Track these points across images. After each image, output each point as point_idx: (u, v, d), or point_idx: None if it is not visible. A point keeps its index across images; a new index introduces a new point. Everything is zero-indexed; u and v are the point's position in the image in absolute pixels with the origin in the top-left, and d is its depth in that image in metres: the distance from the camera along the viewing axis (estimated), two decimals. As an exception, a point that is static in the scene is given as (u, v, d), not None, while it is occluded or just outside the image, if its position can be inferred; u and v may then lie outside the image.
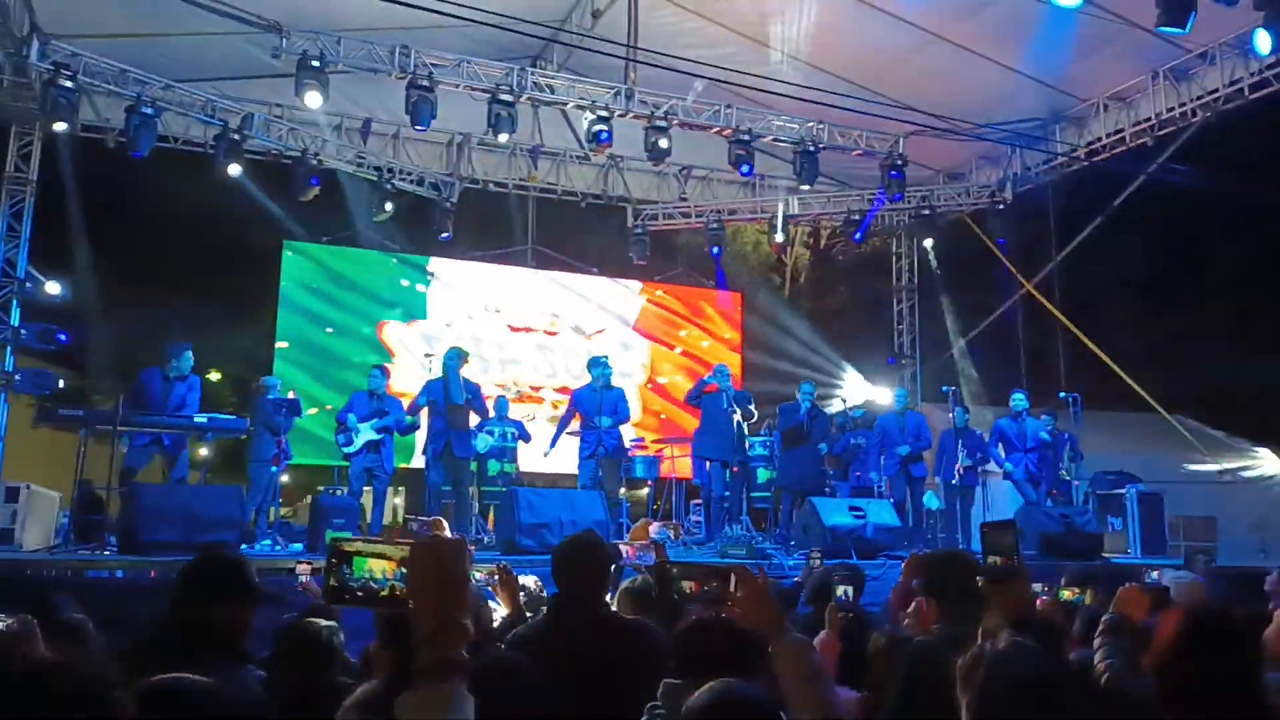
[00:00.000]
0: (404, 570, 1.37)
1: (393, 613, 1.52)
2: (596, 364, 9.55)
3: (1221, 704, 1.84)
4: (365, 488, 8.78)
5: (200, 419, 7.60)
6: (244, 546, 7.16)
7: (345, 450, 8.54)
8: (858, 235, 13.48)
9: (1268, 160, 11.90)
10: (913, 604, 3.07)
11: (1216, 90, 10.24)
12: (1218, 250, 14.61)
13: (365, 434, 8.50)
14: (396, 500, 20.94)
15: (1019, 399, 10.38)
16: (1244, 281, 14.33)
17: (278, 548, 7.78)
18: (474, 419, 9.05)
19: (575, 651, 2.93)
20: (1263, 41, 8.65)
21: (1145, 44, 10.16)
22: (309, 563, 4.56)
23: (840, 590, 3.58)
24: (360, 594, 1.38)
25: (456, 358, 8.99)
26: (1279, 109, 10.24)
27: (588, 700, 2.86)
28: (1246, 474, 13.31)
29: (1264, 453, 14.30)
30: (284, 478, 13.25)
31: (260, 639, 3.49)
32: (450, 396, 8.64)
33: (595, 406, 9.25)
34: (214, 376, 19.37)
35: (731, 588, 2.12)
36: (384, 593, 1.38)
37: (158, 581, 5.86)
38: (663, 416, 14.41)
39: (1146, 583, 5.49)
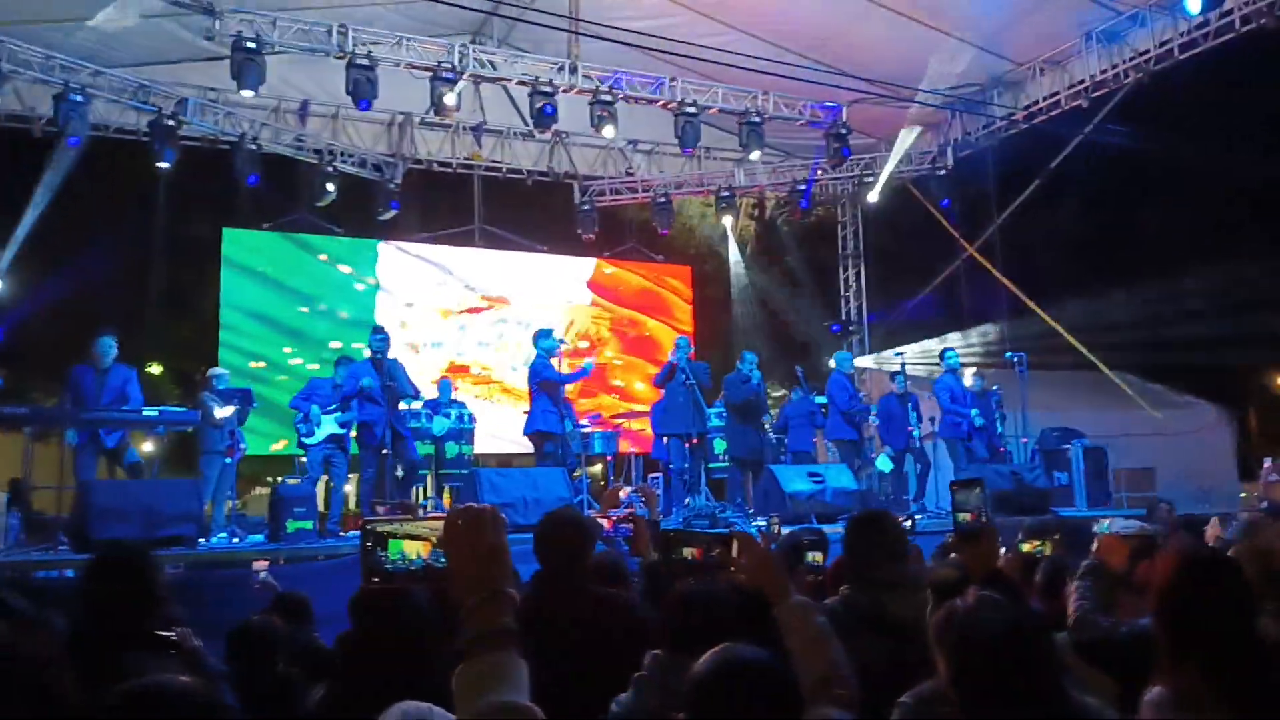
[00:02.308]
0: (438, 549, 1.38)
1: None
2: (546, 335, 9.46)
3: (1222, 640, 1.93)
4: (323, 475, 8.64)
5: (150, 412, 7.42)
6: (201, 540, 7.06)
7: (306, 440, 8.38)
8: (804, 203, 13.58)
9: (1199, 119, 12.23)
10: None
11: (1148, 51, 10.48)
12: (1153, 209, 15.04)
13: (328, 426, 8.35)
14: (349, 487, 20.77)
15: (953, 356, 10.53)
16: (1178, 239, 14.79)
17: (235, 540, 7.67)
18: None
19: (557, 627, 2.96)
20: (1192, 2, 8.88)
21: (1078, 6, 10.36)
22: (266, 559, 4.54)
23: (811, 555, 3.65)
24: (395, 574, 1.39)
25: (384, 339, 8.52)
26: (1208, 68, 10.52)
27: (570, 674, 2.90)
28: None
29: (1200, 403, 14.80)
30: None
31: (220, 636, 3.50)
32: (402, 388, 8.34)
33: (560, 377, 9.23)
34: (155, 369, 18.93)
35: (734, 553, 2.16)
36: (419, 571, 1.39)
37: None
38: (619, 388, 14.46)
39: (1096, 531, 5.67)
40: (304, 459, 8.59)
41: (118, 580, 2.74)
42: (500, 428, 12.18)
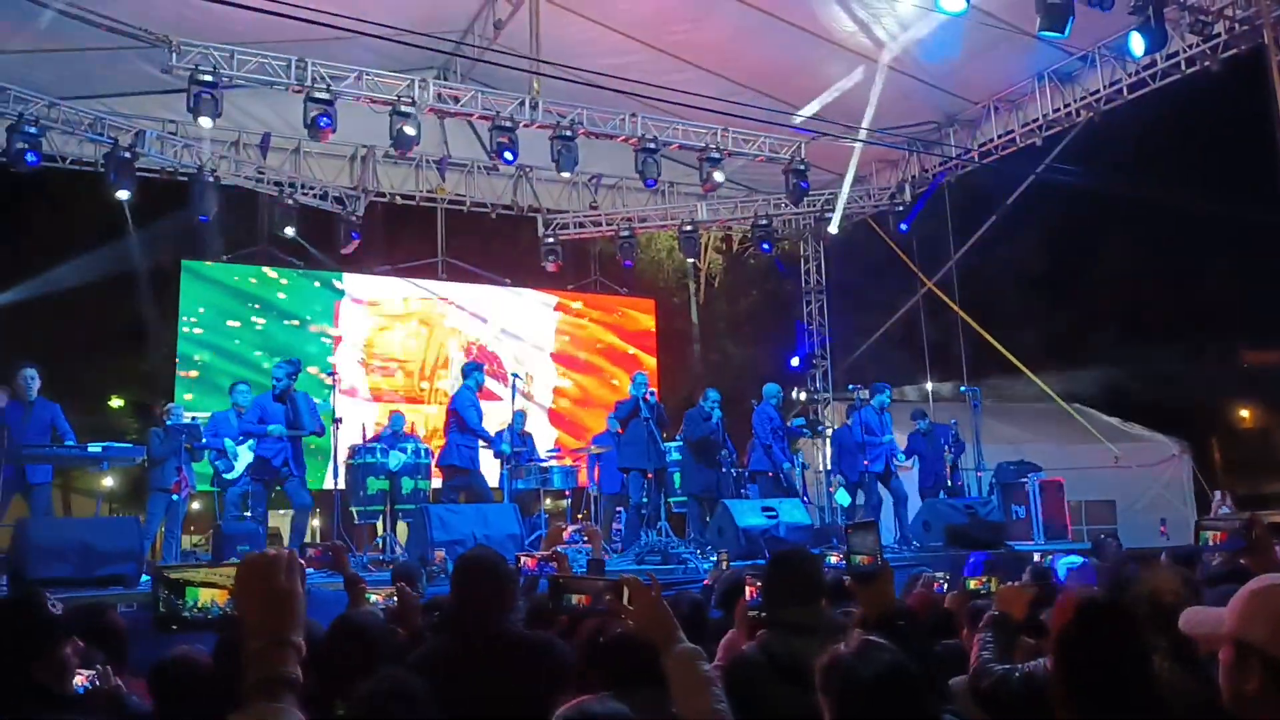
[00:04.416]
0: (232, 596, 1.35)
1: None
2: (475, 369, 9.47)
3: (1111, 681, 1.94)
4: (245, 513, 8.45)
5: (95, 448, 7.31)
6: (144, 578, 6.93)
7: (226, 476, 8.25)
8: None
9: (1148, 157, 12.51)
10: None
11: (1098, 91, 10.72)
12: (1106, 245, 15.30)
13: (245, 456, 8.23)
14: (315, 522, 20.50)
15: (884, 394, 10.51)
16: (1131, 274, 15.04)
17: (182, 578, 7.52)
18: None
19: (476, 670, 2.92)
20: (1136, 44, 9.09)
21: (1029, 48, 10.56)
22: None
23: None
24: (191, 621, 1.37)
25: (288, 373, 8.42)
26: (1155, 108, 10.76)
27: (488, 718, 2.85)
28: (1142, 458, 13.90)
29: (1158, 437, 14.95)
30: (194, 504, 12.88)
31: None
32: (302, 422, 8.26)
33: (478, 414, 9.21)
34: (115, 403, 18.72)
35: (624, 600, 2.13)
36: (216, 620, 1.37)
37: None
38: (580, 424, 14.41)
39: (1035, 564, 5.71)
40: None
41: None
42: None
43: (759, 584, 4.00)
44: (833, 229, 13.40)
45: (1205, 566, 5.53)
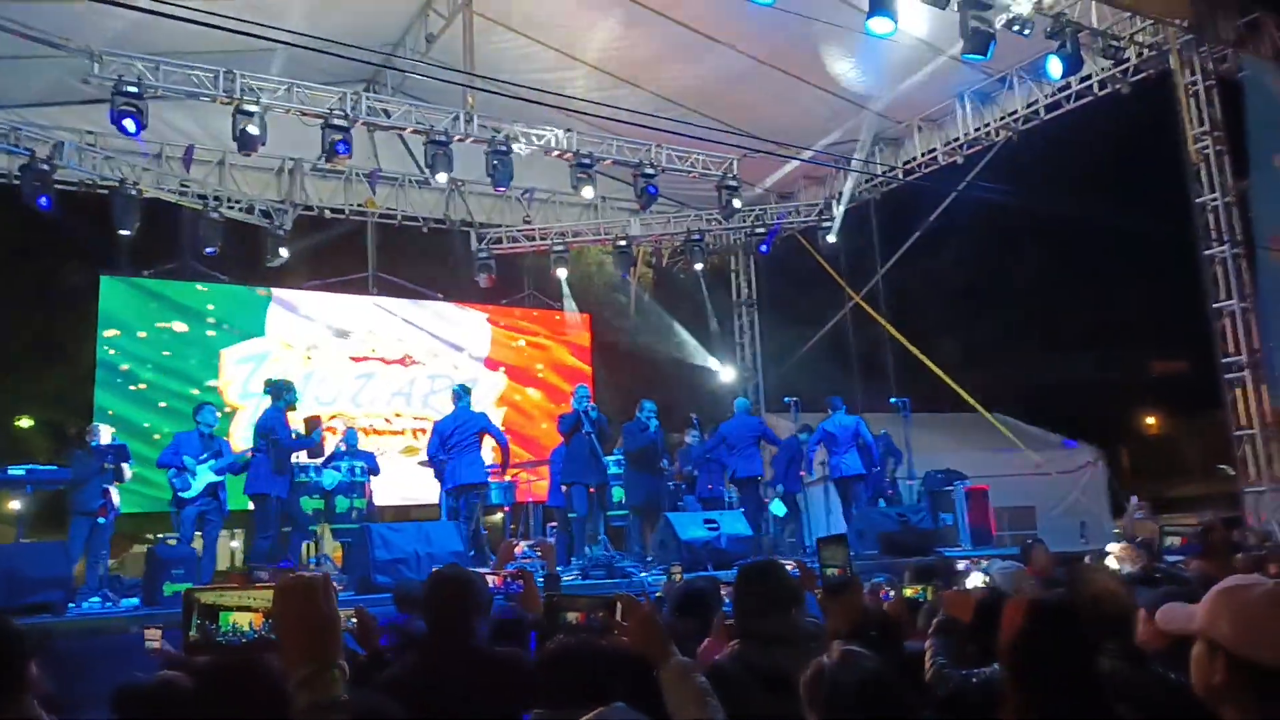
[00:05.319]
0: (270, 620, 1.34)
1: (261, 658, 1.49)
2: (468, 391, 9.40)
3: (1061, 679, 2.03)
4: (196, 533, 8.23)
5: (17, 471, 7.03)
6: (70, 605, 6.68)
7: (183, 495, 8.01)
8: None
9: (1064, 175, 13.03)
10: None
11: (1016, 111, 11.17)
12: (1024, 258, 15.88)
13: (204, 476, 8.02)
14: (234, 544, 19.93)
15: (838, 409, 10.76)
16: (1048, 287, 15.63)
17: (109, 605, 7.28)
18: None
19: (449, 688, 2.91)
20: (1054, 67, 9.50)
21: (951, 69, 10.95)
22: (158, 628, 4.24)
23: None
24: (225, 646, 1.36)
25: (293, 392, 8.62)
26: (1071, 128, 11.24)
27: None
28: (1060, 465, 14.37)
29: (1075, 444, 15.48)
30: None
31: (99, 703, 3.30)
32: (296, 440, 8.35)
33: (452, 428, 9.10)
34: (24, 423, 17.98)
35: (618, 616, 2.16)
36: (251, 643, 1.36)
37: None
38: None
39: (960, 570, 5.88)
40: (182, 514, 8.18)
41: None
42: (401, 479, 11.85)
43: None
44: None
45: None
